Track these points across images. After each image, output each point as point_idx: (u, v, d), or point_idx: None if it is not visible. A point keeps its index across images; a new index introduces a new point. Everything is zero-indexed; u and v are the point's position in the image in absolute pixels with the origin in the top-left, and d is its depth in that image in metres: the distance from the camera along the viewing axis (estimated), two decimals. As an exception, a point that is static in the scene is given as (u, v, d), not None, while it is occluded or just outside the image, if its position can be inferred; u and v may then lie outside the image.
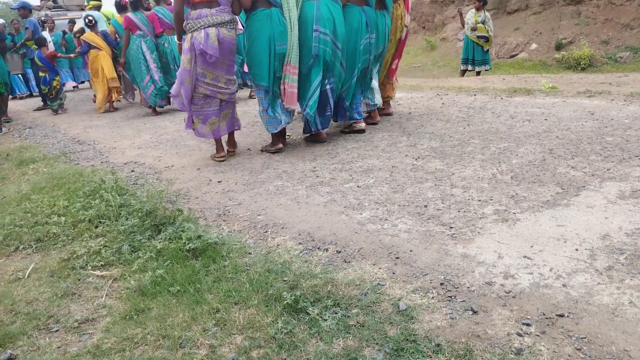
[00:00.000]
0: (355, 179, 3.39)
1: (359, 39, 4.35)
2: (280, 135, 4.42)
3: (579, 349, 1.56)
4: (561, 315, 1.73)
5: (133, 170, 4.24)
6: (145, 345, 1.80)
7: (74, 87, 12.56)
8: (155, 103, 7.24)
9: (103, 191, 3.26)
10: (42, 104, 9.49)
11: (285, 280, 2.10)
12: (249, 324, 1.84)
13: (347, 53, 4.36)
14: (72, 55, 9.25)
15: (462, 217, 2.60)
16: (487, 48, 9.15)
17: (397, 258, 2.25)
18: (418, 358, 1.59)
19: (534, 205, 2.66)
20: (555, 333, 1.65)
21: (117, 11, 7.86)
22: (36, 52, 8.08)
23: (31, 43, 8.64)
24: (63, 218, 3.01)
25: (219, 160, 4.24)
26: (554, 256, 2.12)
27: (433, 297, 1.92)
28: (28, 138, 6.50)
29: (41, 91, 9.28)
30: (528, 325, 1.70)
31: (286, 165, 3.91)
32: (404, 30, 5.02)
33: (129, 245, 2.58)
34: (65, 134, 6.47)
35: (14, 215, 3.15)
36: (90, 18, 7.99)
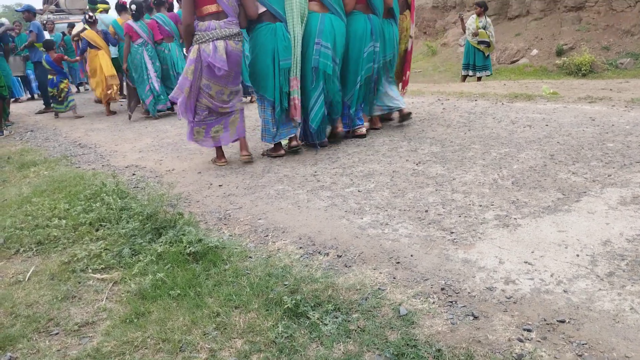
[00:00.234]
0: (356, 183, 3.39)
1: (362, 47, 4.35)
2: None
3: (580, 355, 1.56)
4: (562, 321, 1.72)
5: (134, 174, 4.24)
6: (145, 348, 1.79)
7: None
8: (155, 112, 7.34)
9: (104, 194, 3.27)
10: (44, 107, 9.51)
11: (285, 285, 2.09)
12: (249, 328, 1.84)
13: (351, 60, 4.36)
14: (78, 58, 9.28)
15: (463, 222, 2.60)
16: (489, 53, 9.17)
17: (398, 263, 2.24)
18: (419, 363, 1.58)
19: (535, 210, 2.66)
20: (556, 339, 1.64)
21: (117, 12, 7.92)
22: (44, 55, 8.11)
23: (39, 45, 8.67)
24: (64, 221, 3.01)
25: (220, 165, 4.25)
26: (555, 262, 2.12)
27: (434, 302, 1.91)
28: (29, 141, 6.51)
29: (45, 94, 9.33)
30: (529, 330, 1.69)
31: (287, 169, 3.91)
32: (409, 41, 5.07)
33: (130, 249, 2.58)
34: (66, 137, 6.48)
35: (14, 218, 3.15)
36: (91, 14, 8.02)
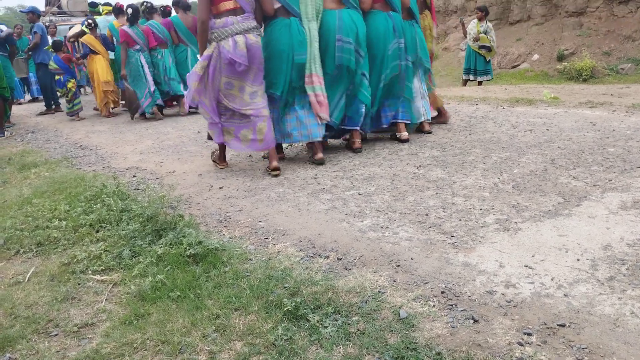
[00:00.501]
0: (356, 186, 3.39)
1: (387, 44, 4.28)
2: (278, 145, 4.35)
3: (580, 359, 1.56)
4: (562, 325, 1.72)
5: (135, 176, 4.24)
6: (145, 350, 1.79)
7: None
8: (149, 112, 7.55)
9: (104, 196, 3.27)
10: (45, 108, 9.52)
11: (285, 287, 2.09)
12: (249, 330, 1.83)
13: (373, 60, 4.29)
14: (81, 60, 9.30)
15: (464, 226, 2.59)
16: (490, 58, 9.19)
17: (398, 266, 2.24)
18: (418, 366, 1.58)
19: (536, 214, 2.65)
20: (556, 343, 1.64)
21: (115, 15, 8.00)
22: (53, 55, 8.15)
23: (49, 47, 8.70)
24: (64, 222, 3.01)
25: (221, 167, 4.24)
26: (556, 266, 2.11)
27: (434, 306, 1.91)
28: (30, 142, 6.51)
29: (47, 95, 9.34)
30: (529, 334, 1.69)
31: (287, 172, 3.91)
32: (432, 41, 5.02)
33: (130, 250, 2.58)
34: (67, 139, 6.48)
35: (15, 219, 3.15)
36: (90, 21, 8.09)
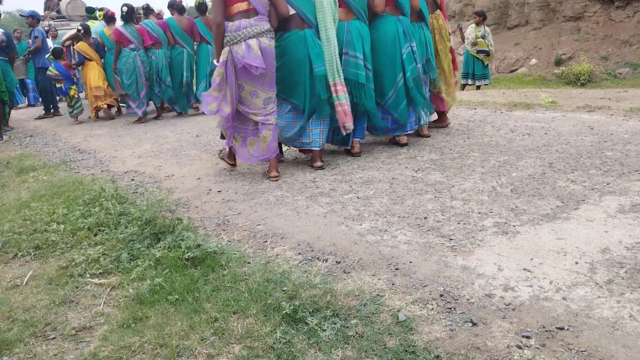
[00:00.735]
0: (355, 190, 3.40)
1: (396, 49, 4.23)
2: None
3: (579, 362, 1.56)
4: (561, 328, 1.72)
5: (133, 179, 4.24)
6: (143, 353, 1.78)
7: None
8: (146, 113, 7.62)
9: (103, 199, 3.26)
10: (44, 112, 9.52)
11: (284, 290, 2.09)
12: (247, 333, 1.83)
13: (383, 65, 4.26)
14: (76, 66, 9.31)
15: (462, 229, 2.60)
16: (488, 62, 9.22)
17: (397, 269, 2.24)
18: (417, 370, 1.58)
19: (534, 218, 2.66)
20: (555, 346, 1.64)
21: (106, 22, 7.97)
22: (53, 63, 8.16)
23: (49, 55, 8.70)
24: (62, 226, 3.01)
25: (230, 164, 4.22)
26: (554, 269, 2.12)
27: (432, 309, 1.91)
28: (29, 146, 6.51)
29: (46, 99, 9.34)
30: (528, 337, 1.69)
31: (286, 175, 3.91)
32: (451, 39, 4.96)
33: (128, 254, 2.58)
34: (65, 143, 6.48)
35: (13, 223, 3.14)
36: (80, 27, 8.09)
